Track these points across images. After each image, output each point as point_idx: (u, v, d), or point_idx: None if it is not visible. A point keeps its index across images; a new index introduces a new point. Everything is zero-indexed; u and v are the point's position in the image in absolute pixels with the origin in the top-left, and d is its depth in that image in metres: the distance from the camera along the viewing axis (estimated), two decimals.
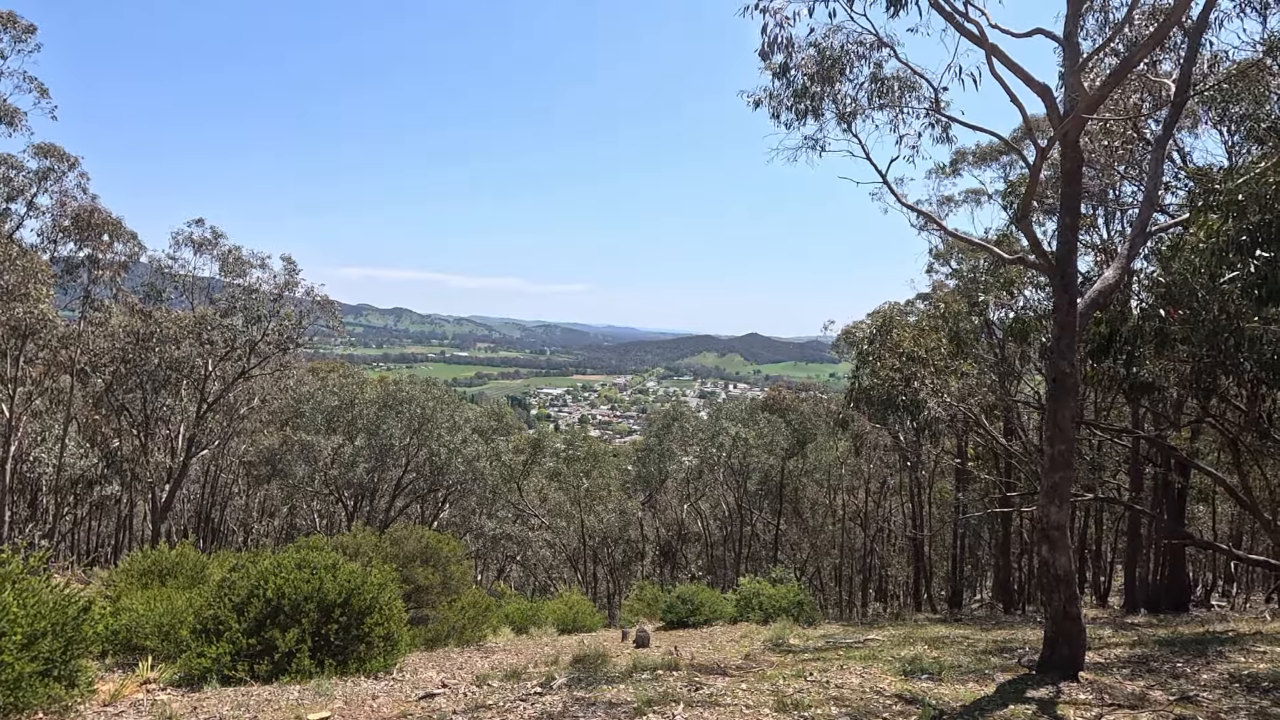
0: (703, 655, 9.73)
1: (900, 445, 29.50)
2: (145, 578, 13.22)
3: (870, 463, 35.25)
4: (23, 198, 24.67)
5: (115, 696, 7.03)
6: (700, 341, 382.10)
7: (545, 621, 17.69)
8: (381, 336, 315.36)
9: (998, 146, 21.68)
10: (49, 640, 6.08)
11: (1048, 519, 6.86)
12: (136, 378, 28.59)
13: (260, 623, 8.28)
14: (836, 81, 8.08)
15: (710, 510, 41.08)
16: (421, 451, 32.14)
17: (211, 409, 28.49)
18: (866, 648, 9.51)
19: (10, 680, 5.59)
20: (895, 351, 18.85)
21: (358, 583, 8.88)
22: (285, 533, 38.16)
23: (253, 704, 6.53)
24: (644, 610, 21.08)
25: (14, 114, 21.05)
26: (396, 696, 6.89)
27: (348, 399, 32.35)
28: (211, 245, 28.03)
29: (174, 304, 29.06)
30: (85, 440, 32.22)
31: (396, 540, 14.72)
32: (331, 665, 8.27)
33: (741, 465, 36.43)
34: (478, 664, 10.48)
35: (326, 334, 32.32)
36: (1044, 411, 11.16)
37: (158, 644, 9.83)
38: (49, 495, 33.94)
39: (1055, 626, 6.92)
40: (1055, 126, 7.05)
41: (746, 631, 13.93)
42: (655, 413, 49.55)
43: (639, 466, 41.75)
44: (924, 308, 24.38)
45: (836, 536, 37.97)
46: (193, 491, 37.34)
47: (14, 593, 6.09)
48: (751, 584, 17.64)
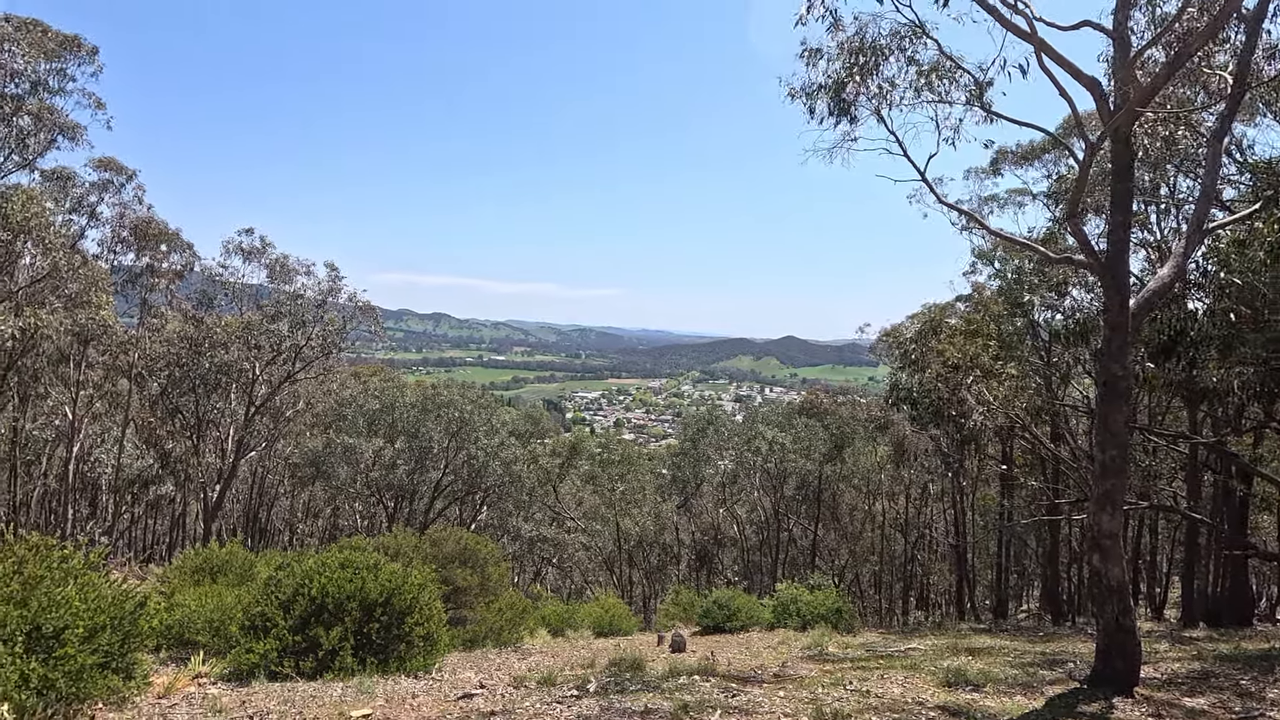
0: (739, 661, 9.64)
1: (942, 450, 28.83)
2: (197, 575, 13.69)
3: (911, 468, 34.53)
4: (85, 209, 25.83)
5: (169, 689, 7.28)
6: (736, 345, 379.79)
7: (581, 624, 17.76)
8: (421, 341, 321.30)
9: (1040, 145, 21.09)
10: (108, 634, 6.33)
11: (1099, 527, 6.62)
12: (189, 381, 29.67)
13: (305, 620, 8.49)
14: (873, 75, 7.93)
15: (746, 515, 40.74)
16: (460, 454, 32.62)
17: (259, 412, 29.38)
18: (908, 657, 9.30)
19: (73, 671, 5.83)
20: (938, 354, 18.45)
21: (398, 583, 9.04)
22: (329, 533, 39.13)
23: (298, 700, 6.69)
24: (679, 615, 21.00)
25: (75, 128, 22.07)
26: (436, 696, 6.98)
27: (388, 402, 33.03)
28: (260, 253, 28.96)
29: (224, 310, 30.09)
30: (142, 442, 33.57)
31: (436, 541, 14.94)
32: (373, 664, 8.43)
33: (778, 470, 36.05)
34: (515, 666, 10.56)
35: (368, 338, 33.08)
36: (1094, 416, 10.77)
37: (209, 639, 10.16)
38: (108, 494, 35.44)
39: (1108, 639, 6.67)
40: (1105, 121, 6.82)
41: (784, 638, 13.76)
42: (690, 416, 49.38)
43: (674, 470, 41.66)
44: (964, 309, 23.82)
45: (876, 543, 37.26)
46: (241, 492, 38.53)
47: (76, 587, 6.35)
48: (789, 590, 17.43)
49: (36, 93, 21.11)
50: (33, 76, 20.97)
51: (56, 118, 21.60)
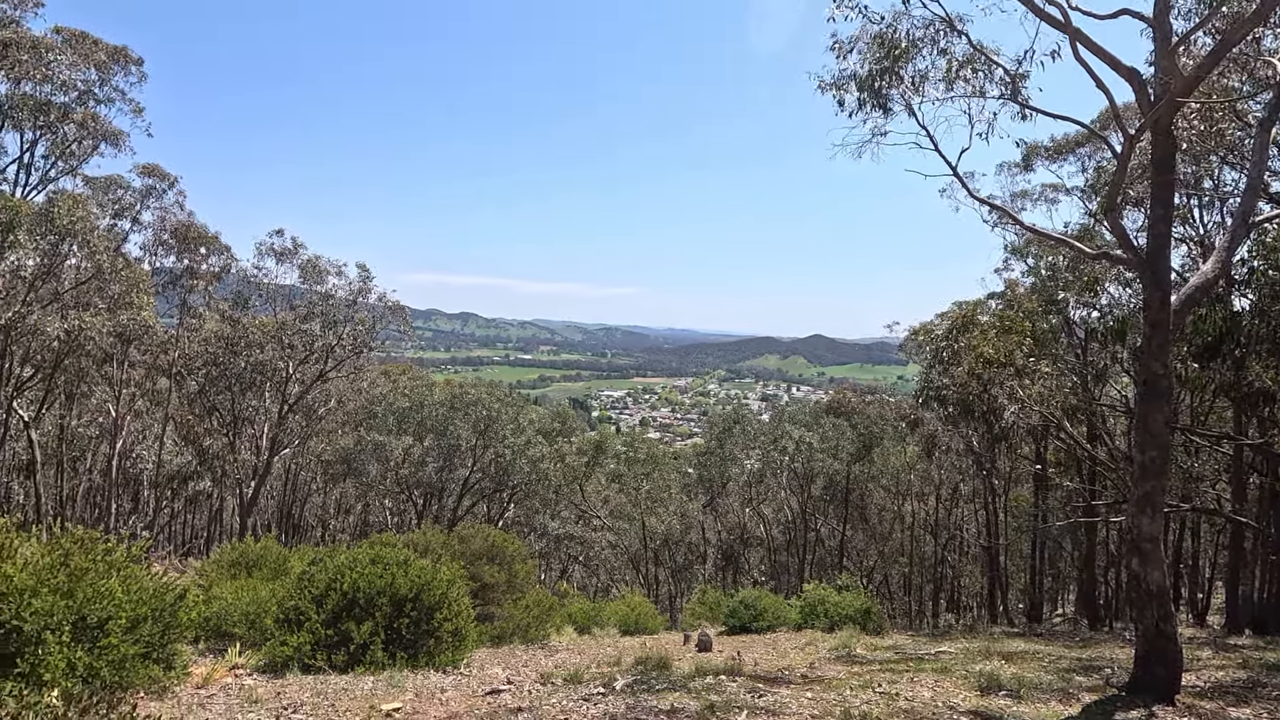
0: (766, 662, 9.58)
1: (974, 450, 28.31)
2: (233, 569, 14.03)
3: (941, 468, 33.97)
4: (129, 214, 26.64)
5: (207, 680, 7.47)
6: (762, 343, 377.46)
7: (607, 622, 17.80)
8: (449, 340, 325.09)
9: (1074, 138, 20.58)
10: (149, 625, 6.51)
11: (1139, 530, 6.44)
12: (226, 380, 30.41)
13: (337, 615, 8.64)
14: (905, 67, 7.79)
15: (773, 515, 40.46)
16: (487, 452, 32.93)
17: (292, 410, 30.00)
18: (938, 660, 9.15)
19: (117, 660, 6.01)
20: (970, 352, 18.12)
21: (427, 579, 9.15)
22: (360, 529, 39.82)
23: (330, 692, 6.82)
24: (705, 614, 20.94)
25: (118, 135, 22.78)
26: (464, 691, 7.06)
27: (417, 401, 33.48)
28: (292, 255, 29.55)
29: (258, 310, 30.79)
30: (181, 439, 34.52)
31: (464, 538, 15.10)
32: (403, 658, 8.55)
33: (805, 469, 35.74)
34: (542, 662, 10.63)
35: (398, 338, 33.55)
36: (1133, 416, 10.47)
37: (244, 631, 10.40)
38: (150, 489, 36.49)
39: (1147, 645, 6.48)
40: (1145, 112, 6.62)
41: (811, 639, 13.64)
42: (716, 415, 49.18)
43: (700, 469, 41.55)
44: (997, 307, 23.36)
45: (905, 544, 36.74)
46: (275, 488, 39.40)
47: (119, 579, 6.54)
48: (816, 590, 17.27)
49: (84, 101, 21.82)
50: (80, 86, 21.69)
51: (100, 125, 22.30)
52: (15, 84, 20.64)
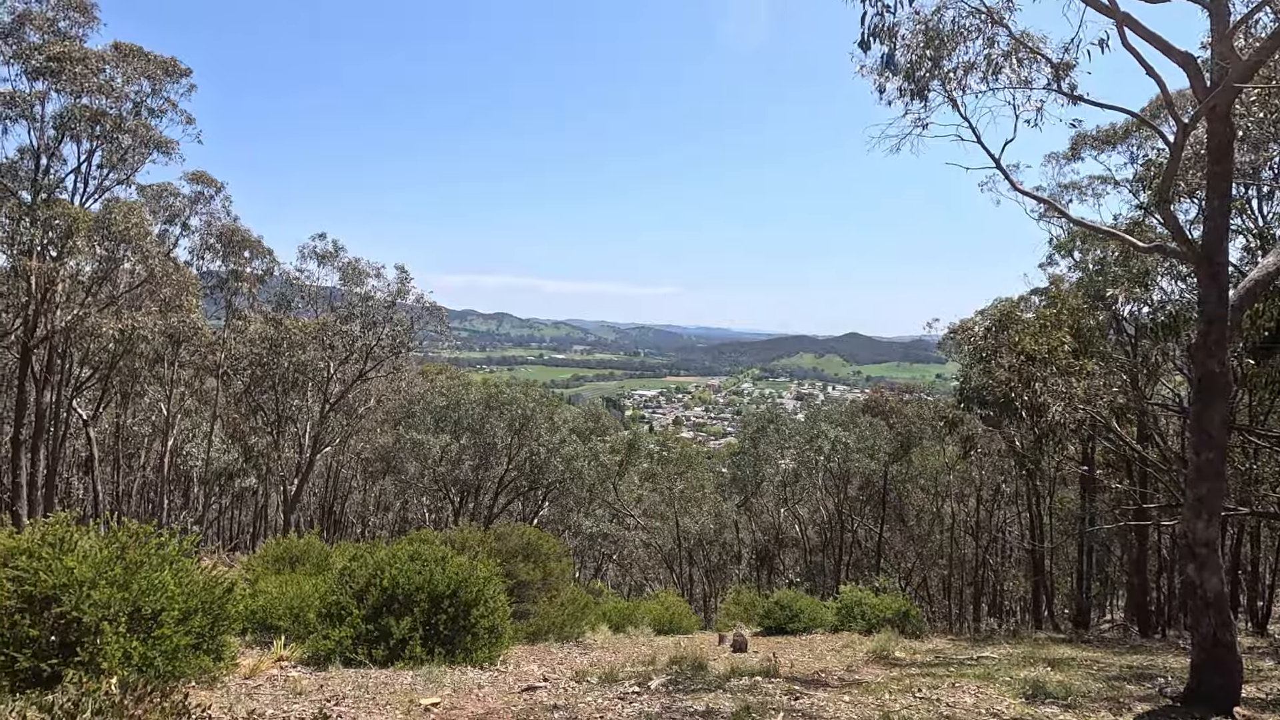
0: (802, 664, 9.48)
1: (1016, 450, 27.57)
2: (278, 564, 14.42)
3: (982, 469, 33.17)
4: (179, 220, 27.60)
5: (254, 671, 7.69)
6: (797, 342, 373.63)
7: (642, 621, 17.81)
8: (484, 340, 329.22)
9: (1123, 128, 19.87)
10: (200, 617, 6.74)
11: (1194, 535, 6.19)
12: (270, 380, 31.30)
13: (377, 610, 8.82)
14: (944, 60, 7.60)
15: (808, 515, 40.01)
16: (522, 450, 33.26)
17: (333, 409, 30.72)
18: (981, 665, 8.93)
19: (169, 651, 6.23)
20: (1012, 350, 17.63)
21: (465, 576, 9.28)
22: (398, 526, 40.60)
23: (371, 685, 6.95)
24: (740, 614, 20.81)
25: (169, 144, 23.60)
26: (501, 688, 7.13)
27: (454, 400, 33.99)
28: (333, 257, 30.26)
29: (300, 312, 31.60)
30: (227, 437, 35.65)
31: (500, 536, 15.27)
32: (441, 654, 8.68)
33: (841, 469, 35.26)
34: (577, 660, 10.69)
35: (434, 338, 34.12)
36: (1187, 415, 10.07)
37: (289, 625, 10.67)
38: (199, 486, 37.78)
39: (1204, 654, 6.23)
40: (1200, 99, 6.35)
41: (848, 641, 13.45)
42: (750, 415, 48.82)
43: (734, 469, 41.32)
44: (1040, 304, 22.69)
45: (945, 546, 35.98)
46: (317, 485, 40.41)
47: (171, 573, 6.78)
48: (853, 592, 17.03)
49: (137, 112, 22.66)
50: (134, 97, 22.54)
51: (152, 134, 23.13)
52: (74, 97, 21.54)
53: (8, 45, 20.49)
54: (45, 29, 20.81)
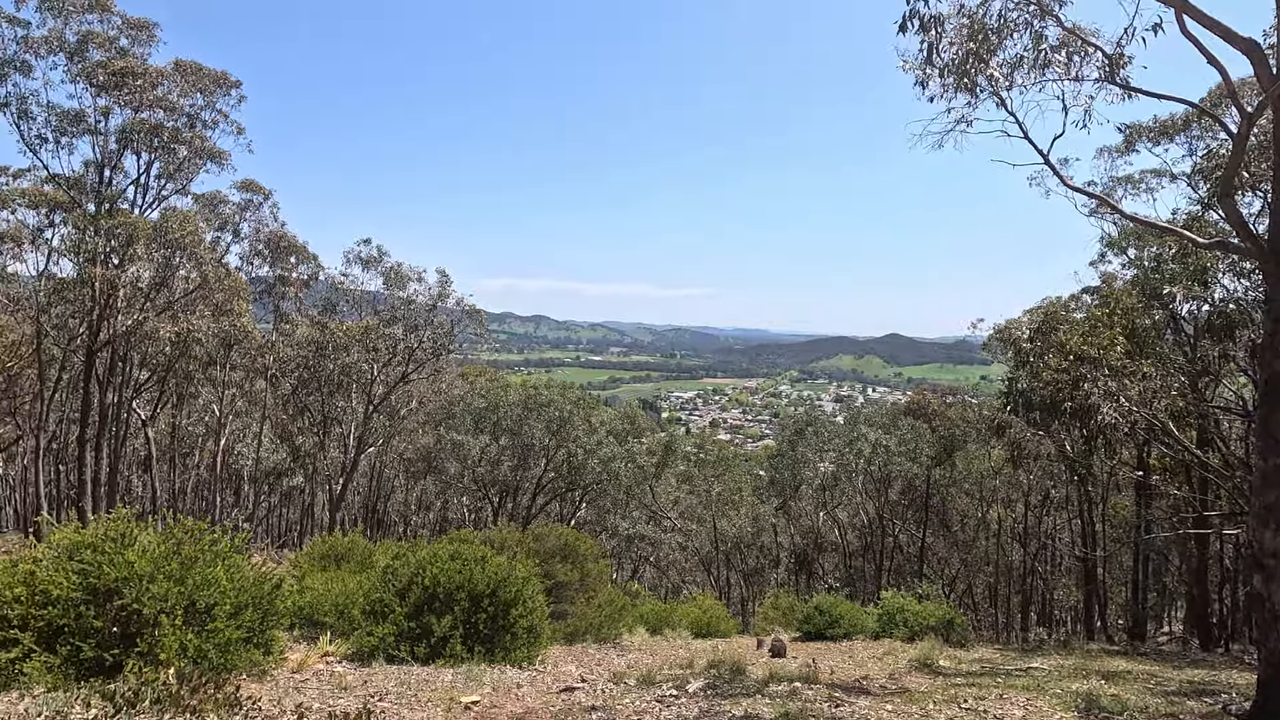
0: (843, 670, 9.32)
1: (1066, 455, 26.68)
2: (324, 561, 14.81)
3: (1030, 474, 32.16)
4: (230, 227, 28.60)
5: (301, 665, 7.90)
6: (836, 343, 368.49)
7: (679, 624, 17.75)
8: (522, 342, 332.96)
9: (1181, 119, 19.04)
10: (250, 611, 6.95)
11: (1261, 545, 5.89)
12: (316, 382, 32.18)
13: (419, 608, 8.98)
14: (991, 54, 7.37)
15: (848, 519, 39.38)
16: (560, 452, 33.51)
17: (376, 410, 31.43)
18: (1030, 676, 8.66)
19: (222, 644, 6.45)
20: (1059, 351, 17.07)
21: (504, 575, 9.38)
22: (439, 525, 41.31)
23: (413, 682, 7.08)
24: (779, 619, 20.59)
25: (221, 154, 24.49)
26: (539, 687, 7.19)
27: (493, 401, 34.44)
28: (376, 262, 30.95)
29: (344, 315, 32.40)
30: (276, 437, 36.79)
31: (538, 537, 15.40)
32: (480, 652, 8.79)
33: (882, 473, 34.61)
34: (614, 662, 10.71)
35: (474, 340, 34.61)
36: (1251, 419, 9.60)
37: (334, 621, 10.94)
38: (249, 484, 39.06)
39: (1272, 670, 5.92)
40: (1265, 87, 6.05)
41: (889, 649, 13.18)
42: (788, 417, 48.39)
43: (771, 472, 40.92)
44: (1092, 303, 21.92)
45: (991, 552, 35.00)
46: (361, 485, 41.38)
47: (224, 568, 7.02)
48: (895, 598, 16.67)
49: (192, 125, 23.57)
50: (189, 110, 23.46)
51: (206, 145, 24.02)
52: (134, 111, 22.51)
53: (74, 64, 21.53)
54: (108, 47, 21.79)
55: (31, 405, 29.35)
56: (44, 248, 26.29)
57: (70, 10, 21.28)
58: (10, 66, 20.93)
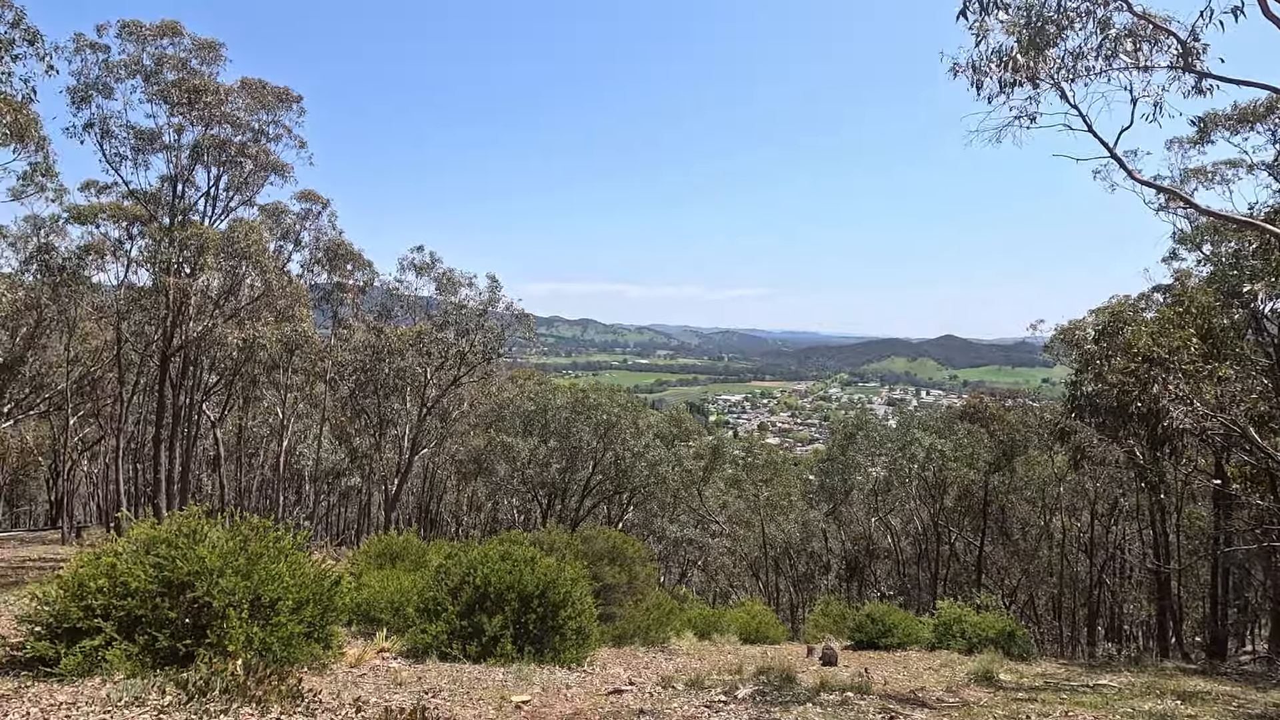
0: (897, 681, 9.09)
1: (1136, 461, 25.39)
2: (380, 559, 15.24)
3: (1097, 481, 30.72)
4: (291, 236, 29.79)
5: (359, 660, 8.14)
6: (888, 345, 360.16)
7: (728, 629, 17.60)
8: (570, 346, 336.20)
9: (1264, 104, 17.96)
10: (311, 607, 7.20)
11: None
12: (372, 385, 33.18)
13: (470, 607, 9.15)
14: (1051, 44, 7.06)
15: (901, 526, 38.39)
16: (607, 455, 33.69)
17: (430, 412, 32.19)
18: (1098, 694, 8.27)
19: (285, 637, 6.70)
20: (1127, 352, 16.27)
21: (553, 577, 9.48)
22: (489, 525, 42.02)
23: (465, 680, 7.22)
24: (829, 626, 20.20)
25: (284, 167, 25.54)
26: (588, 688, 7.23)
27: (542, 405, 34.86)
28: (429, 268, 31.73)
29: (399, 320, 33.30)
30: (335, 438, 38.07)
31: (586, 539, 15.51)
32: (530, 652, 8.90)
33: (936, 479, 33.63)
34: (662, 665, 10.69)
35: (523, 344, 35.10)
36: None
37: (390, 618, 11.24)
38: (310, 484, 40.53)
39: None
40: None
41: (946, 660, 12.79)
42: (838, 421, 47.45)
43: (821, 477, 40.22)
44: (1164, 301, 20.84)
45: (1054, 563, 33.57)
46: (415, 485, 42.44)
47: (286, 565, 7.30)
48: (951, 608, 16.15)
49: (258, 140, 24.66)
50: (255, 126, 24.55)
51: (270, 159, 25.07)
52: (205, 127, 23.69)
53: (150, 85, 22.79)
54: (180, 68, 22.99)
55: (112, 407, 31.14)
56: (124, 259, 27.93)
57: (147, 35, 22.53)
58: (94, 89, 22.28)
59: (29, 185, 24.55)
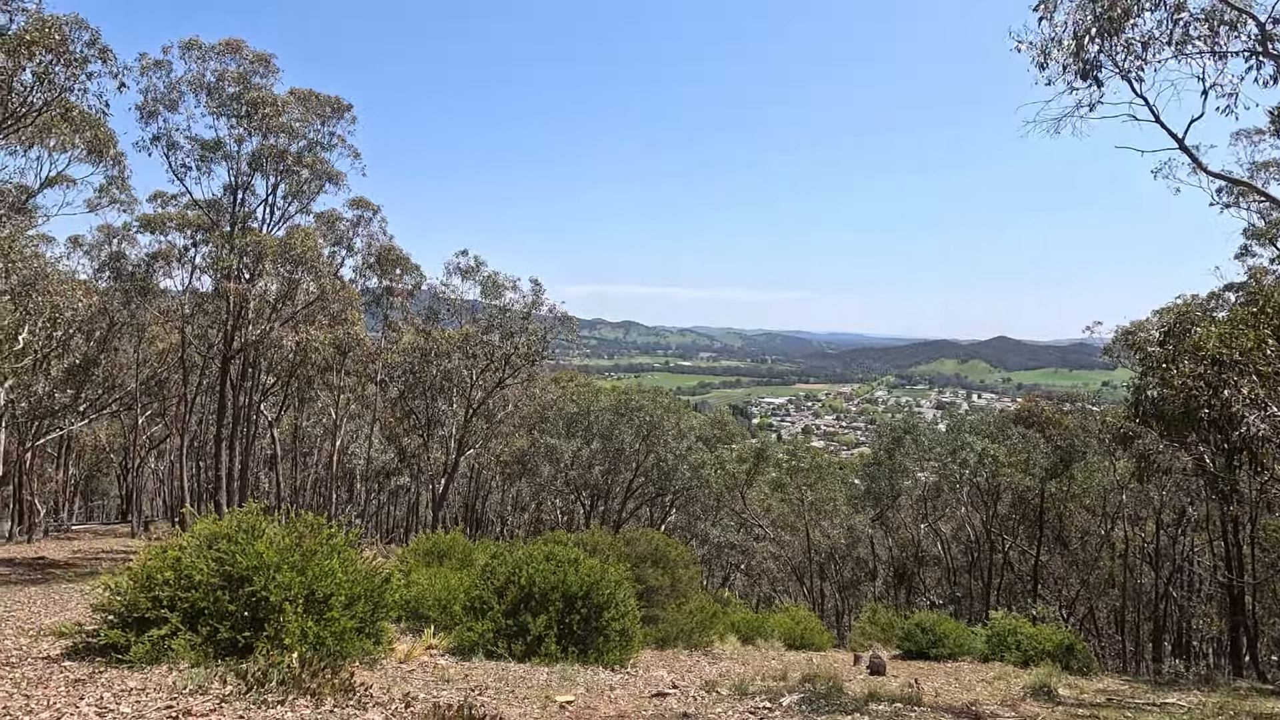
0: (948, 693, 8.83)
1: (1206, 469, 24.12)
2: (427, 557, 15.56)
3: (1162, 489, 29.30)
4: (344, 242, 30.72)
5: (407, 656, 8.32)
6: (937, 347, 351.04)
7: (771, 634, 17.41)
8: (612, 348, 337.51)
9: None
10: (362, 603, 7.39)
11: None
12: (420, 387, 33.92)
13: (516, 606, 9.26)
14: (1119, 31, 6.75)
15: (952, 533, 37.32)
16: (649, 457, 33.69)
17: (475, 414, 32.74)
18: (1164, 713, 7.88)
19: (338, 632, 6.89)
20: (1195, 354, 15.46)
21: (596, 578, 9.52)
22: (533, 525, 42.49)
23: (510, 678, 7.30)
24: (877, 635, 19.78)
25: (338, 176, 26.36)
26: (631, 691, 7.23)
27: (585, 406, 35.07)
28: (474, 272, 32.28)
29: (445, 323, 33.97)
30: (385, 438, 39.06)
31: (629, 540, 15.53)
32: (574, 652, 8.95)
33: (989, 484, 32.57)
34: (705, 669, 10.63)
35: (565, 346, 35.41)
36: None
37: (437, 615, 11.46)
38: (361, 482, 41.67)
39: None
40: None
41: (1000, 673, 12.37)
42: (885, 424, 46.39)
43: (868, 481, 39.40)
44: (1237, 300, 19.78)
45: (1116, 574, 32.14)
46: (461, 485, 43.21)
47: (339, 561, 7.51)
48: (1006, 619, 15.65)
49: (312, 149, 25.54)
50: (309, 136, 25.43)
51: (325, 168, 25.91)
52: (262, 137, 24.63)
53: (212, 99, 23.83)
54: (239, 82, 23.98)
55: (177, 407, 32.61)
56: (188, 265, 29.26)
57: (209, 53, 23.60)
58: (161, 104, 23.40)
59: (103, 197, 26.01)
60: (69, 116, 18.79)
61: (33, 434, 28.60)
